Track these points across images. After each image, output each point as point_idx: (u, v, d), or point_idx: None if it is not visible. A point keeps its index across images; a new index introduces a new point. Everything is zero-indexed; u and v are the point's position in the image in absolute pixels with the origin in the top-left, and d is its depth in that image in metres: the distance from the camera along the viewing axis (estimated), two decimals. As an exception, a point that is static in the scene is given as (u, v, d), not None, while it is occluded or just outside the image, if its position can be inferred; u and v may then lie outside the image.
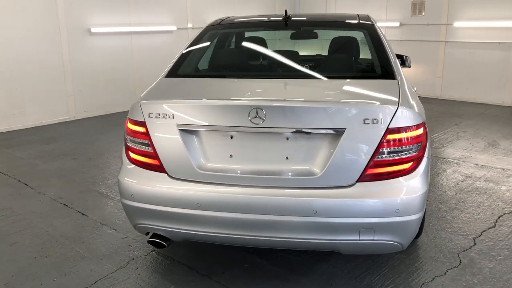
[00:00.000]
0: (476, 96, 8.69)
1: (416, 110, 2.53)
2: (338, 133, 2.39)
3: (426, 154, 2.54)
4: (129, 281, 2.92)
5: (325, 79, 2.97)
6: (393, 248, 2.52)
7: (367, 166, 2.39)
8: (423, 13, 9.12)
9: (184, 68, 3.20)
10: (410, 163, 2.45)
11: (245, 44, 3.71)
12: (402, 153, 2.42)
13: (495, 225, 3.63)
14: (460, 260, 3.10)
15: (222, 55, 3.63)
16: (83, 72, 7.57)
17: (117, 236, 3.53)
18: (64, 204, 4.14)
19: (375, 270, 2.99)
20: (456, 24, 8.68)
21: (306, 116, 2.40)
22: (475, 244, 3.33)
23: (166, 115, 2.55)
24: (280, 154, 2.49)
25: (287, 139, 2.48)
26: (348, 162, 2.39)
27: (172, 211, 2.54)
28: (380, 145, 2.38)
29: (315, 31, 4.12)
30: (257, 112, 2.40)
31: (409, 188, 2.42)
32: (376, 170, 2.41)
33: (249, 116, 2.41)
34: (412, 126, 2.44)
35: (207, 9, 9.27)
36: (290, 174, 2.46)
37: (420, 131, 2.48)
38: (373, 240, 2.42)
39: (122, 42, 8.00)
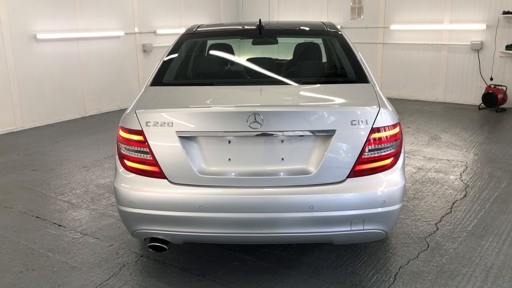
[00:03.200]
0: (412, 94, 9.37)
1: (393, 111, 2.81)
2: (329, 134, 2.62)
3: (402, 150, 2.84)
4: (125, 287, 2.98)
5: (311, 84, 3.20)
6: (379, 236, 2.79)
7: (356, 163, 2.64)
8: (362, 17, 9.68)
9: (168, 76, 3.30)
10: (391, 159, 2.73)
11: (226, 51, 3.86)
12: (384, 150, 2.70)
13: (451, 211, 4.04)
14: (428, 244, 3.45)
15: (205, 63, 3.76)
16: (30, 80, 7.32)
17: (101, 244, 3.55)
18: (37, 217, 4.06)
19: (356, 258, 3.26)
20: (393, 27, 9.30)
21: (300, 120, 2.61)
22: (437, 229, 3.70)
23: (165, 123, 2.65)
24: (276, 155, 2.68)
25: (282, 141, 2.67)
26: (339, 160, 2.63)
27: (175, 215, 2.65)
28: (366, 143, 2.64)
29: (277, 38, 4.36)
30: (255, 118, 2.57)
31: (392, 181, 2.70)
32: (363, 166, 2.67)
33: (247, 121, 2.58)
34: (391, 125, 2.72)
35: (154, 14, 9.25)
36: (286, 173, 2.65)
37: (397, 129, 2.77)
38: (363, 229, 2.67)
39: (69, 48, 7.82)
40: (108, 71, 8.52)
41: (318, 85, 3.22)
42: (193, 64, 3.66)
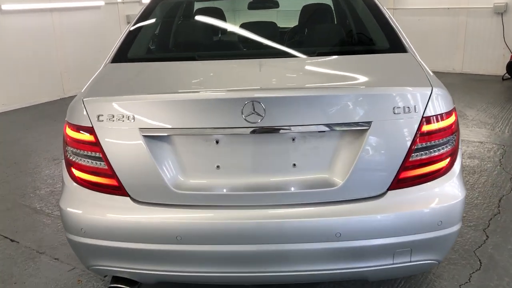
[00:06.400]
0: (427, 64, 8.46)
1: (447, 92, 2.01)
2: (362, 128, 1.81)
3: (459, 147, 2.04)
4: (85, 335, 2.21)
5: (329, 56, 2.35)
6: (429, 267, 2.03)
7: (401, 169, 1.85)
8: (370, -20, 8.72)
9: (135, 50, 2.46)
10: (447, 160, 1.94)
11: (213, 16, 2.99)
12: (438, 149, 1.90)
13: (499, 211, 3.25)
14: (480, 260, 2.68)
15: (185, 31, 2.89)
16: (-3, 59, 6.45)
17: (60, 268, 2.77)
18: (-14, 228, 3.28)
19: (389, 285, 2.49)
20: (405, -10, 8.37)
21: (319, 108, 1.80)
22: (487, 237, 2.92)
23: (123, 116, 1.84)
24: (285, 160, 1.88)
25: (293, 139, 1.86)
26: (376, 166, 1.83)
27: (142, 248, 1.86)
28: (415, 140, 1.84)
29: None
30: (253, 107, 1.76)
31: (450, 192, 1.92)
32: (411, 173, 1.87)
33: (242, 112, 1.76)
34: (446, 112, 1.92)
35: (138, -20, 8.30)
36: (300, 186, 1.85)
37: (453, 118, 1.97)
38: (410, 262, 1.89)
39: (41, 20, 6.91)
40: (89, 46, 7.60)
41: (339, 57, 2.37)
42: (169, 32, 2.81)
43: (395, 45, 2.34)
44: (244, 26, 2.87)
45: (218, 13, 3.12)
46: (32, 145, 5.11)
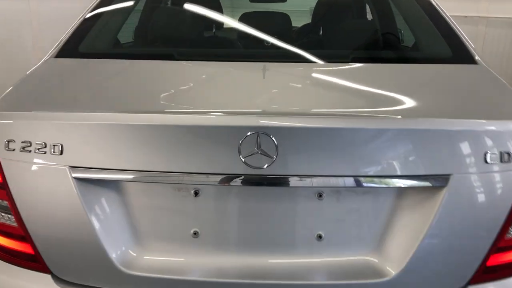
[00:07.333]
0: (439, 76, 7.90)
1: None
2: (435, 185, 1.11)
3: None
4: None
5: (368, 64, 1.62)
6: None
7: (491, 251, 1.16)
8: (381, -19, 8.12)
9: (91, 40, 1.76)
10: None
11: (202, 5, 2.23)
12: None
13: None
14: None
15: (163, 18, 2.13)
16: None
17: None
18: None
19: None
20: (419, -6, 7.77)
21: (364, 149, 1.10)
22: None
23: (45, 146, 1.14)
24: (305, 228, 1.18)
25: (320, 196, 1.16)
26: (454, 245, 1.15)
27: None
28: (515, 204, 1.15)
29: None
30: (258, 142, 1.06)
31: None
32: (505, 257, 1.19)
33: (240, 150, 1.06)
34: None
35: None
36: (328, 274, 1.16)
37: None
38: None
39: (16, 6, 6.24)
40: (69, 37, 6.95)
41: (384, 65, 1.63)
42: (141, 20, 2.09)
43: (460, 53, 1.65)
44: (245, 17, 2.14)
45: (213, 2, 2.40)
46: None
